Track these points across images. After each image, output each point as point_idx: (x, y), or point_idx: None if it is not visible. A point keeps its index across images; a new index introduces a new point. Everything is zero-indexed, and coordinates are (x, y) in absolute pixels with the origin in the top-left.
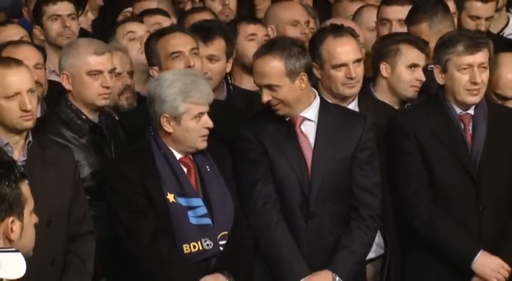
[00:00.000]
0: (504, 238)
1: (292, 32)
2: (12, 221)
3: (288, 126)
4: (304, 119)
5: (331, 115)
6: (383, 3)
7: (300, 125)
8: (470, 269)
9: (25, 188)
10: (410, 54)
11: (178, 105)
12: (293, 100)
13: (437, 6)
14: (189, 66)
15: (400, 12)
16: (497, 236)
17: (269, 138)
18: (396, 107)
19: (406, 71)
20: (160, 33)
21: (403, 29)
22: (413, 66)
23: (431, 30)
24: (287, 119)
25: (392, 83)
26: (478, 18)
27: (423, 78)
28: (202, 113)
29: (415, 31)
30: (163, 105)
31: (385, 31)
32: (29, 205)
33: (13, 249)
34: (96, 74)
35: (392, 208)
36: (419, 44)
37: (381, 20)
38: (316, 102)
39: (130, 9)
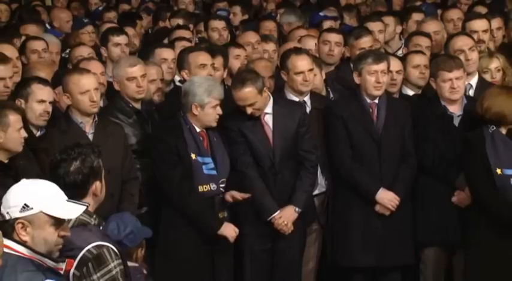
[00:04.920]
0: (395, 180)
1: (249, 50)
2: (98, 184)
3: (256, 119)
4: (266, 113)
5: (280, 107)
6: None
7: (263, 118)
8: (374, 200)
9: (101, 160)
10: None
11: (204, 98)
12: (263, 106)
13: None
14: (210, 75)
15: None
16: (392, 179)
17: (245, 127)
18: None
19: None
20: (191, 49)
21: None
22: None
23: None
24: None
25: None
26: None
27: None
28: (217, 105)
29: None
30: (195, 97)
31: (326, 49)
32: (103, 171)
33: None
34: (132, 79)
35: (328, 162)
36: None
37: (323, 41)
38: (271, 101)
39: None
